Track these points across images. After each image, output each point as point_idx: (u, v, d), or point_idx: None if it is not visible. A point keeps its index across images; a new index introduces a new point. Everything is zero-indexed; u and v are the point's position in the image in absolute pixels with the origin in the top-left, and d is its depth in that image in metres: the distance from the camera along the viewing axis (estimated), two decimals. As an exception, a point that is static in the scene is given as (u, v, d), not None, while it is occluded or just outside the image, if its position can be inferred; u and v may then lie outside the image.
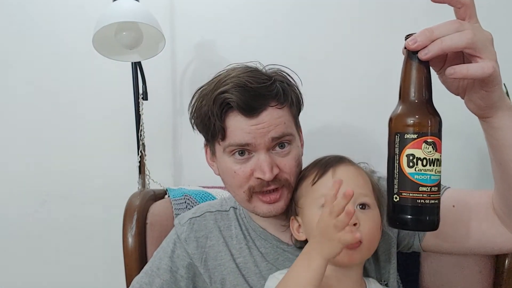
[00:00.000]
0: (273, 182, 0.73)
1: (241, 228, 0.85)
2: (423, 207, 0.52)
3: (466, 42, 0.49)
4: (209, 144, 0.82)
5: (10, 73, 1.46)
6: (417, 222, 0.53)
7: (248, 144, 0.72)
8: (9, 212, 1.47)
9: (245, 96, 0.71)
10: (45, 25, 1.43)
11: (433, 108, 0.54)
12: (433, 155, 0.52)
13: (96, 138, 1.43)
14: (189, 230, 0.85)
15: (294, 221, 0.76)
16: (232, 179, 0.76)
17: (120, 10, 1.08)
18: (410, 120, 0.53)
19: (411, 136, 0.52)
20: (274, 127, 0.73)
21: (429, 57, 0.50)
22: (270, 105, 0.73)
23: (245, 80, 0.72)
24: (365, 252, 0.67)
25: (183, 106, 1.40)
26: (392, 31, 1.23)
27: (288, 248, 0.81)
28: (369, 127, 1.27)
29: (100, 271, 1.45)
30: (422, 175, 0.52)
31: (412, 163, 0.52)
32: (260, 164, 0.73)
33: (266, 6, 1.34)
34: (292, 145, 0.77)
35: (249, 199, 0.76)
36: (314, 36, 1.32)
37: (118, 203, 1.08)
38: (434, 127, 0.53)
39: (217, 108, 0.72)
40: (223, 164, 0.77)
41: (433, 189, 0.52)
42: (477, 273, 0.97)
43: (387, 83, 1.27)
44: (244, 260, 0.82)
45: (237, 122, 0.73)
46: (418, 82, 0.53)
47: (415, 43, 0.50)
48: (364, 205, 0.68)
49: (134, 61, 1.23)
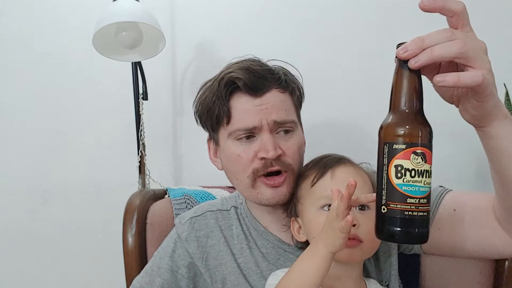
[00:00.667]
0: (276, 162, 0.74)
1: (242, 228, 0.85)
2: (411, 219, 0.51)
3: (457, 51, 0.48)
4: (212, 135, 0.83)
5: (10, 74, 1.46)
6: (404, 234, 0.52)
7: (254, 127, 0.74)
8: (9, 212, 1.47)
9: (250, 76, 0.74)
10: (45, 25, 1.43)
11: (423, 119, 0.53)
12: (422, 166, 0.51)
13: (96, 138, 1.44)
14: (190, 230, 0.85)
15: (294, 222, 0.76)
16: (236, 164, 0.77)
17: (120, 10, 1.08)
18: (399, 130, 0.52)
19: (400, 147, 0.51)
20: (277, 111, 0.75)
21: (418, 65, 0.49)
22: (273, 87, 0.76)
23: (249, 64, 0.76)
24: (366, 251, 0.68)
25: (183, 106, 1.41)
26: (392, 30, 1.24)
27: (289, 248, 0.81)
28: (369, 125, 1.27)
29: (100, 271, 1.45)
30: (410, 186, 0.51)
31: (400, 173, 0.51)
32: (264, 143, 0.74)
33: (266, 6, 1.34)
34: (295, 132, 0.79)
35: (253, 184, 0.76)
36: (314, 35, 1.32)
37: (118, 203, 1.08)
38: (424, 138, 0.51)
39: (222, 88, 0.75)
40: (227, 150, 0.78)
41: (422, 201, 0.51)
42: (477, 273, 0.96)
43: (387, 81, 1.27)
44: (245, 260, 0.82)
45: (242, 103, 0.75)
46: (408, 91, 0.52)
47: (405, 52, 0.50)
48: (364, 206, 0.68)
49: (134, 61, 1.23)
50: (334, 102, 1.31)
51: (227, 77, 0.75)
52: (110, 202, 1.35)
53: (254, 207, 0.85)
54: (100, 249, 1.43)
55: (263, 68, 0.76)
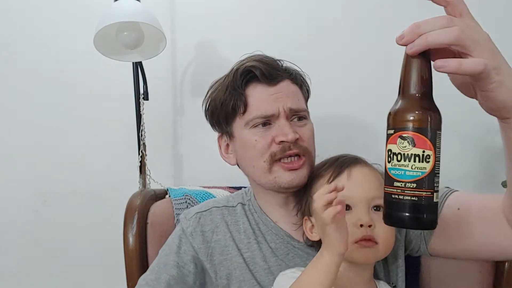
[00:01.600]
0: (294, 146, 0.76)
1: (250, 223, 0.85)
2: (397, 202, 0.51)
3: (453, 38, 0.47)
4: (225, 130, 0.84)
5: (11, 73, 1.46)
6: (391, 217, 0.53)
7: (272, 115, 0.77)
8: (10, 212, 1.47)
9: (266, 66, 0.78)
10: (46, 25, 1.43)
11: (418, 104, 0.52)
12: (409, 150, 0.50)
13: (97, 138, 1.44)
14: (195, 224, 0.85)
15: (307, 221, 0.76)
16: (252, 149, 0.79)
17: (121, 10, 1.08)
18: (390, 116, 0.53)
19: (390, 132, 0.53)
20: (292, 99, 0.79)
21: (414, 51, 0.49)
22: (286, 77, 0.81)
23: (261, 57, 0.81)
24: (381, 252, 0.68)
25: (184, 106, 1.41)
26: (391, 28, 1.24)
27: (298, 245, 0.81)
28: (369, 123, 1.29)
29: (100, 271, 1.45)
30: (396, 170, 0.51)
31: (390, 158, 0.52)
32: (282, 128, 0.77)
33: (267, 6, 1.34)
34: (308, 120, 0.83)
35: (270, 168, 0.77)
36: (315, 35, 1.32)
37: (119, 203, 1.08)
38: (415, 122, 0.51)
39: (238, 78, 0.79)
40: (243, 139, 0.80)
41: (409, 185, 0.51)
42: (477, 273, 0.96)
43: (387, 79, 1.28)
44: (252, 255, 0.81)
45: (259, 92, 0.79)
46: (406, 77, 0.52)
47: (402, 38, 0.50)
48: (379, 207, 0.68)
49: (135, 61, 1.23)
50: (334, 101, 1.31)
51: (242, 68, 0.79)
52: (111, 202, 1.35)
53: (264, 201, 0.85)
54: (100, 249, 1.43)
55: (274, 61, 0.81)
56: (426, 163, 0.51)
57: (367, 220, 0.66)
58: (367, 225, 0.65)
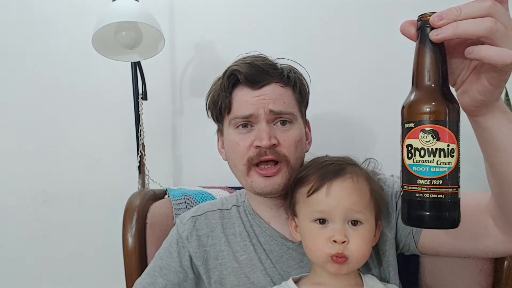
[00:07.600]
0: (270, 152, 0.75)
1: (244, 226, 0.85)
2: (423, 201, 0.48)
3: (483, 31, 0.44)
4: (218, 126, 0.86)
5: (10, 73, 1.46)
6: (415, 217, 0.49)
7: (251, 115, 0.77)
8: (9, 212, 1.47)
9: (251, 70, 0.78)
10: (45, 25, 1.43)
11: (437, 95, 0.48)
12: (433, 144, 0.47)
13: (96, 138, 1.43)
14: (191, 228, 0.85)
15: (292, 221, 0.77)
16: (234, 151, 0.79)
17: (120, 10, 1.08)
18: (408, 109, 0.49)
19: (409, 126, 0.49)
20: (274, 101, 0.77)
21: (439, 38, 0.46)
22: (273, 81, 0.79)
23: (253, 59, 0.80)
24: (352, 265, 0.69)
25: (182, 106, 1.41)
26: (391, 28, 1.24)
27: (293, 245, 0.81)
28: (369, 122, 1.29)
29: (100, 271, 1.45)
30: (419, 166, 0.48)
31: (410, 154, 0.49)
32: (260, 132, 0.76)
33: (267, 6, 1.34)
34: (293, 125, 0.80)
35: (248, 172, 0.78)
36: (315, 35, 1.32)
37: (118, 203, 1.08)
38: (437, 115, 0.47)
39: (225, 80, 0.79)
40: (228, 138, 0.81)
41: (435, 182, 0.47)
42: (476, 273, 0.96)
43: (387, 79, 1.27)
44: (248, 257, 0.81)
45: (242, 95, 0.79)
46: (424, 66, 0.48)
47: (440, 19, 0.45)
48: (356, 221, 0.68)
49: (133, 61, 1.23)
50: (334, 101, 1.30)
51: (230, 70, 0.80)
52: (110, 202, 1.35)
53: (255, 202, 0.85)
54: (100, 249, 1.43)
55: (265, 63, 0.80)
56: (451, 158, 0.48)
57: (340, 237, 0.66)
58: (341, 241, 0.66)
